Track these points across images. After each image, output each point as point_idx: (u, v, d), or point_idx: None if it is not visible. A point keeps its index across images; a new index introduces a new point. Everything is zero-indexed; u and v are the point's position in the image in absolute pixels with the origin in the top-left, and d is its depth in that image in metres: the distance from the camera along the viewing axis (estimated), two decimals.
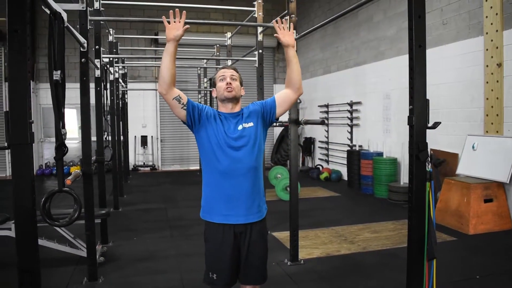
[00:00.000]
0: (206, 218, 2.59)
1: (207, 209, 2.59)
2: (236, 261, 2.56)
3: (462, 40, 6.65)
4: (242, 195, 2.50)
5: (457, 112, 6.75)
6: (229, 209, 2.51)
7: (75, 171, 3.77)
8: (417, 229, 2.53)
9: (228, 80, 2.56)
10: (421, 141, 2.45)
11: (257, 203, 2.58)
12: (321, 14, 11.59)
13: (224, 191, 2.50)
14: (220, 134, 2.50)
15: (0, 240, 4.33)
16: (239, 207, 2.51)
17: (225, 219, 2.52)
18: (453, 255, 4.75)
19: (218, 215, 2.53)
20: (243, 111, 2.63)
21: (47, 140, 12.30)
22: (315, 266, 4.52)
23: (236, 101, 2.60)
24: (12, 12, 1.91)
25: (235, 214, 2.51)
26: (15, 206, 1.98)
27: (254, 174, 2.54)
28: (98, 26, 5.50)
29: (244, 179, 2.49)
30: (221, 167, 2.48)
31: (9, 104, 1.93)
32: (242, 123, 2.56)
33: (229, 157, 2.48)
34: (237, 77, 2.62)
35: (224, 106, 2.62)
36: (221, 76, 2.60)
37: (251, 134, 2.54)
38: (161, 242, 5.44)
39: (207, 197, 2.59)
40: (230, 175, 2.48)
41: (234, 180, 2.48)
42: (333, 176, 10.49)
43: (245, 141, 2.51)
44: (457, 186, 5.91)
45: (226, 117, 2.57)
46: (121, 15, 12.14)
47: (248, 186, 2.51)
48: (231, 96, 2.56)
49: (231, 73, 2.60)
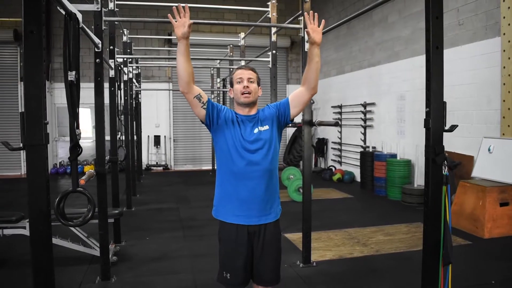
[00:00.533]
0: (219, 217, 2.59)
1: (220, 209, 2.59)
2: (249, 261, 2.57)
3: (478, 41, 6.56)
4: (256, 197, 2.49)
5: (473, 114, 6.66)
6: (242, 210, 2.51)
7: (89, 171, 3.78)
8: (433, 234, 2.49)
9: (245, 83, 2.53)
10: (438, 145, 2.42)
11: (271, 204, 2.58)
12: (335, 14, 11.53)
13: (238, 192, 2.49)
14: (236, 137, 2.49)
15: (15, 239, 4.38)
16: (253, 209, 2.51)
17: (238, 219, 2.52)
18: (467, 259, 4.68)
19: (231, 215, 2.53)
20: (259, 114, 2.60)
21: (62, 139, 12.40)
22: (328, 269, 4.49)
23: (253, 104, 2.59)
24: (28, 13, 1.92)
25: (248, 215, 2.51)
26: (30, 207, 1.99)
27: (269, 176, 2.53)
28: (112, 27, 5.53)
29: (259, 182, 2.49)
30: (236, 168, 2.48)
31: (24, 105, 1.94)
32: (258, 126, 2.54)
33: (244, 159, 2.47)
34: (254, 78, 2.58)
35: (240, 109, 2.59)
36: (239, 78, 2.56)
37: (267, 137, 2.53)
38: (173, 242, 5.44)
39: (221, 197, 2.59)
40: (245, 177, 2.47)
41: (248, 182, 2.48)
42: (346, 177, 10.42)
43: (260, 144, 2.50)
44: (472, 189, 5.83)
45: (242, 119, 2.55)
46: (135, 15, 12.21)
47: (262, 188, 2.50)
48: (248, 101, 2.54)
49: (249, 75, 2.56)
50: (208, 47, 12.34)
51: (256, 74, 2.62)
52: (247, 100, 2.53)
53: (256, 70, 2.65)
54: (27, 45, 1.93)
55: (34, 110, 1.94)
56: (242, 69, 2.61)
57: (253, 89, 2.55)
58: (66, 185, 9.87)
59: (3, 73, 12.00)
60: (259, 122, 2.56)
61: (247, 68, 2.62)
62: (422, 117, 8.11)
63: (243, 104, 2.55)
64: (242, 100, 2.53)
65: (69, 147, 2.65)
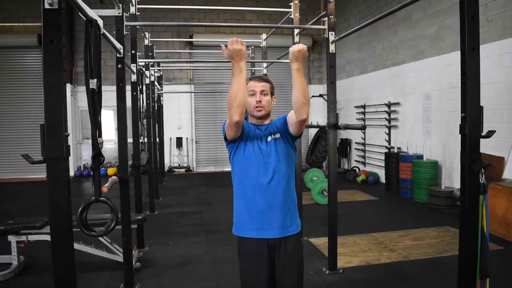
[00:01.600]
0: (238, 233, 2.54)
1: (239, 224, 2.54)
2: (271, 275, 2.49)
3: (508, 38, 6.33)
4: (274, 207, 2.44)
5: (503, 113, 6.44)
6: (262, 223, 2.45)
7: (111, 178, 3.75)
8: (470, 245, 2.36)
9: (258, 97, 2.50)
10: (474, 151, 2.29)
11: (291, 215, 2.51)
12: (357, 13, 11.35)
13: (255, 203, 2.45)
14: (252, 147, 2.47)
15: (40, 244, 4.39)
16: (272, 221, 2.44)
17: (258, 233, 2.45)
18: (500, 265, 4.48)
19: (250, 230, 2.48)
20: (271, 124, 2.57)
21: (85, 142, 12.53)
22: (355, 276, 4.37)
23: (266, 116, 2.57)
24: (47, 22, 1.86)
25: (268, 228, 2.45)
26: (51, 221, 1.94)
27: (286, 184, 2.48)
28: (134, 31, 5.50)
29: (275, 191, 2.44)
30: (251, 178, 2.45)
31: (44, 116, 1.89)
32: (271, 135, 2.51)
33: (260, 167, 2.44)
34: (267, 90, 2.53)
35: (254, 120, 2.59)
36: (251, 91, 2.51)
37: (280, 145, 2.49)
38: (197, 247, 5.39)
39: (239, 212, 2.54)
40: (261, 186, 2.43)
41: (265, 192, 2.43)
42: (370, 178, 10.24)
43: (274, 152, 2.47)
44: (504, 192, 5.62)
45: (256, 128, 2.54)
46: (156, 18, 12.25)
47: (280, 197, 2.45)
48: (261, 115, 2.53)
49: (262, 87, 2.51)
50: None
51: (269, 84, 2.56)
52: (260, 114, 2.52)
53: (269, 80, 2.59)
54: (46, 55, 1.87)
55: (54, 122, 1.88)
56: (255, 80, 2.54)
57: (266, 103, 2.52)
58: (89, 189, 9.94)
59: (27, 78, 12.19)
60: (272, 132, 2.53)
61: (260, 80, 2.55)
62: (448, 117, 7.91)
63: (256, 117, 2.54)
64: (255, 114, 2.53)
65: (91, 155, 2.60)
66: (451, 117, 7.58)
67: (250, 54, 9.31)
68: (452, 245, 5.20)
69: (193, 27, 12.89)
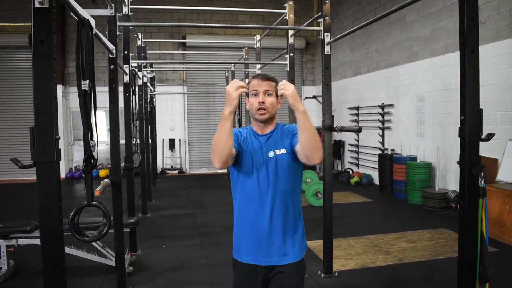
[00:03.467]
0: (236, 257, 2.30)
1: (237, 247, 2.30)
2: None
3: (502, 40, 6.33)
4: (275, 228, 2.18)
5: (497, 115, 6.44)
6: (259, 247, 2.19)
7: (104, 181, 3.68)
8: (469, 250, 2.32)
9: (261, 98, 2.20)
10: (474, 155, 2.25)
11: (294, 239, 2.24)
12: (350, 15, 11.35)
13: (251, 226, 2.20)
14: (248, 160, 2.21)
15: (30, 248, 4.31)
16: (272, 245, 2.19)
17: (254, 259, 2.21)
18: (495, 267, 4.42)
19: (247, 254, 2.23)
20: (275, 133, 2.28)
21: (77, 143, 12.40)
22: (351, 279, 4.33)
23: (270, 120, 2.27)
24: (38, 22, 1.80)
25: (266, 254, 2.19)
26: (41, 226, 1.88)
27: (288, 205, 2.22)
28: (126, 31, 5.44)
29: (277, 210, 2.18)
30: (248, 198, 2.20)
31: (34, 119, 1.82)
32: (273, 149, 2.22)
33: (258, 187, 2.18)
34: (272, 90, 2.22)
35: (256, 125, 2.30)
36: (254, 90, 2.22)
37: (283, 161, 2.21)
38: (191, 250, 5.33)
39: (237, 232, 2.30)
40: (261, 204, 2.18)
41: (265, 211, 2.17)
42: (364, 180, 10.22)
43: (275, 170, 2.19)
44: (498, 194, 5.61)
45: (258, 138, 2.27)
46: (149, 18, 12.18)
47: (281, 217, 2.18)
48: (264, 119, 2.22)
49: (266, 86, 2.21)
50: (222, 49, 12.25)
51: (275, 83, 2.25)
52: (262, 117, 2.22)
53: (275, 79, 2.28)
54: (36, 55, 1.80)
55: (44, 125, 1.82)
56: (258, 79, 2.25)
57: (270, 104, 2.21)
58: (81, 191, 9.83)
59: (17, 79, 12.05)
60: (275, 143, 2.24)
61: (264, 79, 2.24)
62: (442, 119, 7.90)
63: (259, 120, 2.25)
64: (257, 117, 2.23)
65: (84, 159, 2.54)
66: (444, 119, 7.59)
67: (243, 56, 9.29)
68: (447, 247, 5.19)
69: (186, 28, 12.82)
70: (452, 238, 5.56)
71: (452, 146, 7.37)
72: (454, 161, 6.98)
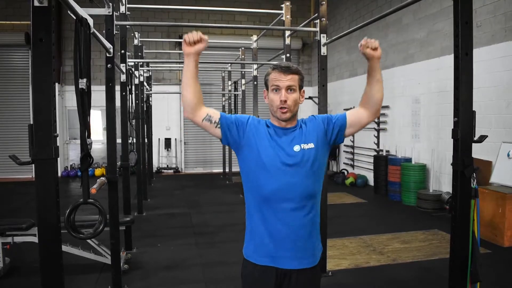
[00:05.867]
0: (250, 258, 2.07)
1: (251, 246, 2.08)
2: None
3: (497, 43, 6.38)
4: (294, 230, 1.97)
5: (491, 118, 6.49)
6: (276, 249, 1.99)
7: (100, 179, 3.70)
8: (461, 250, 2.35)
9: (283, 96, 1.95)
10: (467, 156, 2.29)
11: (312, 243, 2.05)
12: (347, 16, 11.39)
13: (271, 224, 1.99)
14: (269, 153, 1.97)
15: (26, 246, 4.32)
16: (289, 248, 1.98)
17: (271, 261, 2.00)
18: (487, 269, 4.49)
19: (263, 256, 2.02)
20: (300, 126, 2.06)
21: (73, 142, 12.39)
22: (344, 279, 4.36)
23: (292, 118, 2.03)
24: (37, 20, 1.82)
25: (283, 256, 1.99)
26: (39, 223, 1.90)
27: (310, 204, 2.00)
28: (124, 31, 5.45)
29: (297, 211, 1.97)
30: (267, 194, 1.97)
31: (33, 116, 1.84)
32: (300, 143, 1.99)
33: (279, 181, 1.96)
34: (296, 84, 1.98)
35: (275, 120, 2.05)
36: (275, 85, 1.98)
37: (310, 157, 1.98)
38: (185, 249, 5.34)
39: (251, 231, 2.08)
40: (279, 204, 1.96)
41: (284, 212, 1.97)
42: (359, 181, 10.27)
43: (302, 164, 1.96)
44: (491, 196, 5.66)
45: (277, 131, 2.03)
46: (146, 18, 12.18)
47: (301, 219, 1.98)
48: (286, 118, 1.99)
49: (289, 81, 1.96)
50: (219, 49, 12.27)
51: (298, 76, 2.00)
52: (284, 116, 1.97)
53: (299, 71, 2.02)
54: (35, 54, 1.82)
55: (43, 123, 1.84)
56: (280, 72, 1.97)
57: (293, 102, 1.97)
58: (77, 189, 9.83)
59: (14, 77, 12.03)
60: (302, 137, 2.02)
61: (287, 72, 1.96)
62: (437, 121, 7.93)
63: (280, 119, 2.01)
64: (279, 116, 1.98)
65: (80, 157, 2.56)
66: (439, 121, 7.63)
67: (240, 56, 9.31)
68: (440, 248, 5.23)
69: (183, 28, 12.79)
70: (445, 239, 5.60)
71: (446, 148, 7.41)
72: (449, 163, 7.03)
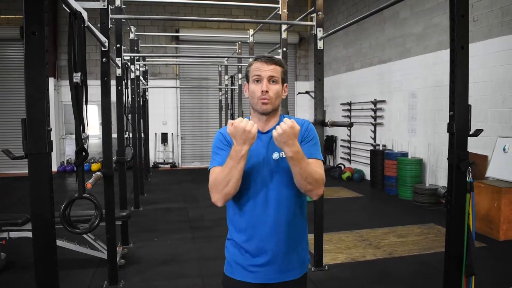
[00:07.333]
0: (229, 273, 1.95)
1: (230, 261, 1.96)
2: None
3: (494, 38, 6.38)
4: (276, 241, 1.85)
5: (487, 112, 6.50)
6: (257, 261, 1.87)
7: (95, 174, 3.68)
8: (456, 244, 2.36)
9: (264, 87, 1.84)
10: (462, 150, 2.28)
11: (297, 253, 1.92)
12: (344, 10, 11.36)
13: (251, 234, 1.87)
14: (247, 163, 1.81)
15: (21, 241, 4.30)
16: (273, 261, 1.86)
17: (251, 277, 1.88)
18: (482, 262, 4.50)
19: (241, 270, 1.90)
20: None
21: (69, 137, 12.35)
22: (340, 273, 4.37)
23: (273, 112, 1.92)
24: (30, 13, 1.79)
25: (264, 271, 1.87)
26: (33, 218, 1.89)
27: (293, 215, 1.89)
28: (119, 24, 5.42)
29: (278, 220, 1.85)
30: (246, 207, 1.87)
31: (26, 110, 1.83)
32: (279, 150, 1.85)
33: (257, 195, 1.85)
34: (278, 76, 1.87)
35: (256, 117, 1.93)
36: (256, 75, 1.86)
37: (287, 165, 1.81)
38: (182, 244, 5.35)
39: (230, 243, 1.97)
40: (259, 219, 1.85)
41: (265, 223, 1.85)
42: (356, 176, 10.28)
43: (281, 175, 1.85)
44: (487, 190, 5.68)
45: (258, 137, 1.87)
46: (142, 12, 12.11)
47: (284, 227, 1.86)
48: (266, 110, 1.87)
49: (271, 72, 1.85)
50: (216, 43, 12.23)
51: (281, 68, 1.90)
52: (265, 108, 1.86)
53: (282, 62, 1.91)
54: (28, 47, 1.80)
55: (36, 117, 1.82)
56: (262, 62, 1.87)
57: (275, 94, 1.86)
58: (73, 184, 9.81)
59: (9, 72, 11.96)
60: None
61: (269, 62, 1.87)
62: (434, 115, 7.94)
63: (260, 112, 1.89)
64: (259, 108, 1.87)
65: (75, 151, 2.55)
66: (436, 115, 7.64)
67: (237, 50, 9.28)
68: (436, 242, 5.25)
69: (179, 22, 12.78)
70: (441, 233, 5.62)
71: (443, 142, 7.42)
72: (445, 158, 7.04)
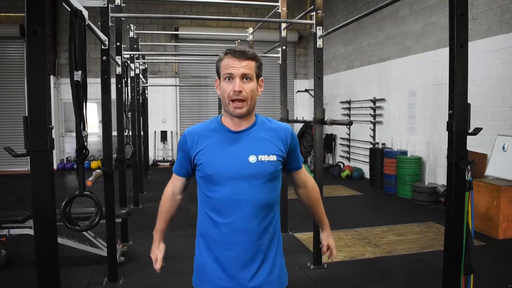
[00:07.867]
0: (196, 286, 1.86)
1: (198, 274, 1.85)
2: None
3: (493, 36, 6.39)
4: (246, 251, 1.72)
5: (487, 111, 6.51)
6: (227, 276, 1.73)
7: (95, 171, 3.69)
8: (455, 242, 2.37)
9: (237, 87, 1.64)
10: (461, 149, 2.29)
11: (272, 264, 1.78)
12: (343, 9, 11.37)
13: (220, 249, 1.75)
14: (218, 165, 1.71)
15: (22, 238, 4.32)
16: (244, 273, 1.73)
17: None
18: (482, 261, 4.52)
19: (211, 285, 1.78)
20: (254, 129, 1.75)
21: (69, 135, 12.36)
22: (340, 271, 4.38)
23: (247, 114, 1.73)
24: (31, 12, 1.80)
25: (239, 283, 1.73)
26: (34, 215, 1.90)
27: (265, 218, 1.74)
28: (119, 23, 5.42)
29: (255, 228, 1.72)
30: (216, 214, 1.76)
31: (28, 108, 1.84)
32: (256, 153, 1.70)
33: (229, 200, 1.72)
34: (252, 73, 1.67)
35: (228, 118, 1.75)
36: (227, 73, 1.66)
37: (269, 169, 1.71)
38: (182, 241, 5.33)
39: (198, 254, 1.87)
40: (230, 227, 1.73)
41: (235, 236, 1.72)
42: (355, 174, 10.30)
43: (257, 180, 1.70)
44: (486, 189, 5.69)
45: (229, 136, 1.73)
46: (141, 10, 12.11)
47: (255, 236, 1.72)
48: (241, 114, 1.68)
49: (244, 69, 1.65)
50: (215, 42, 12.23)
51: (255, 62, 1.70)
52: (240, 112, 1.67)
53: (256, 56, 1.72)
54: (30, 46, 1.81)
55: (38, 114, 1.83)
56: (234, 57, 1.66)
57: (249, 93, 1.66)
58: (73, 182, 9.81)
59: (9, 70, 11.95)
60: (259, 145, 1.72)
61: (242, 57, 1.66)
62: (433, 114, 7.94)
63: (233, 115, 1.71)
64: (232, 111, 1.68)
65: (76, 149, 2.56)
66: (435, 114, 7.65)
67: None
68: (435, 240, 5.26)
69: (179, 20, 12.78)
70: (441, 231, 5.63)
71: (442, 141, 7.44)
72: (444, 156, 7.05)
